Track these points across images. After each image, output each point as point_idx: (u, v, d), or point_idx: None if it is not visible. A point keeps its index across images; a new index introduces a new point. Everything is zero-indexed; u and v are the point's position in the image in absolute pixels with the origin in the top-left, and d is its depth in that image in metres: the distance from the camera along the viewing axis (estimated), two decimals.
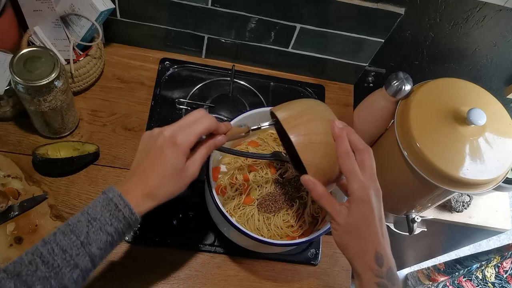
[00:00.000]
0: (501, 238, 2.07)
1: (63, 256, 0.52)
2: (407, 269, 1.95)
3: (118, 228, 0.56)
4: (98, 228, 0.54)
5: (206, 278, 0.85)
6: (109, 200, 0.56)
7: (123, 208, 0.56)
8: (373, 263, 0.56)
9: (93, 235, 0.54)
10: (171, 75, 1.05)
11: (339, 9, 0.92)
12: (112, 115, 0.97)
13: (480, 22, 0.95)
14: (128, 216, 0.56)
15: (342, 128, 0.60)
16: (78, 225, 0.54)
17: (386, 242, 0.58)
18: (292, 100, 0.67)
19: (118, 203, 0.56)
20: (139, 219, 0.58)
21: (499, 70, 1.10)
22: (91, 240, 0.54)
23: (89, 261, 0.54)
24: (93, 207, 0.56)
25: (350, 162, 0.59)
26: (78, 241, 0.53)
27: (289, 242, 0.76)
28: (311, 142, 0.60)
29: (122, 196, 0.56)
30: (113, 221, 0.55)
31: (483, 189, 0.92)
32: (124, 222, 0.56)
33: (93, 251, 0.54)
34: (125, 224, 0.56)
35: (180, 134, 0.58)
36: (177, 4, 0.93)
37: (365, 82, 1.16)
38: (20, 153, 0.88)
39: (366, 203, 0.57)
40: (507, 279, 1.26)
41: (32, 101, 0.78)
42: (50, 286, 0.51)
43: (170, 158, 0.58)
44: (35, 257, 0.52)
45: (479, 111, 0.87)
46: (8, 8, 0.86)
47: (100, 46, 0.97)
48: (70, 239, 0.53)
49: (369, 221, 0.57)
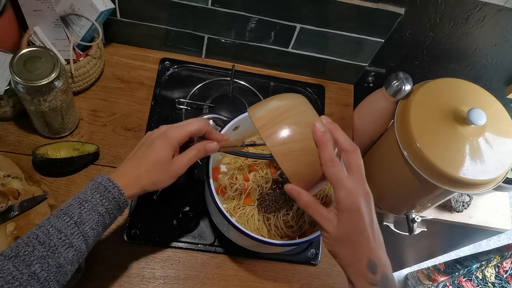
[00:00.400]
0: (501, 238, 2.07)
1: (58, 236, 0.55)
2: (407, 269, 1.95)
3: (109, 209, 0.59)
4: (90, 209, 0.57)
5: (206, 278, 0.85)
6: (98, 184, 0.59)
7: (112, 189, 0.59)
8: (366, 271, 0.54)
9: (86, 215, 0.57)
10: (171, 75, 1.05)
11: (339, 9, 0.92)
12: (112, 115, 0.97)
13: (480, 22, 0.95)
14: (118, 197, 0.59)
15: (324, 132, 0.56)
16: (71, 208, 0.57)
17: (379, 246, 0.56)
18: (271, 97, 0.63)
19: (107, 185, 0.59)
20: (127, 201, 0.61)
21: (499, 70, 1.10)
22: (84, 220, 0.57)
23: (83, 240, 0.57)
24: (83, 192, 0.59)
25: (335, 169, 0.55)
26: (72, 221, 0.56)
27: (289, 242, 0.76)
28: (290, 151, 0.56)
29: (110, 179, 0.60)
30: (103, 201, 0.58)
31: (483, 189, 0.92)
32: (114, 203, 0.59)
33: (86, 231, 0.57)
34: (115, 205, 0.59)
35: (173, 129, 0.63)
36: (177, 4, 0.93)
37: (365, 82, 1.16)
38: (20, 153, 0.88)
39: (355, 212, 0.54)
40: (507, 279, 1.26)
41: (32, 101, 0.78)
42: (47, 265, 0.53)
43: (159, 148, 0.61)
44: (32, 239, 0.54)
45: (479, 111, 0.87)
46: (8, 8, 0.86)
47: (100, 46, 0.97)
48: (63, 220, 0.56)
49: (359, 230, 0.55)
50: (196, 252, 0.87)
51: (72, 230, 0.56)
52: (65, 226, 0.56)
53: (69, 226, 0.56)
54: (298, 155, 0.56)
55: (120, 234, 0.85)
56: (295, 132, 0.56)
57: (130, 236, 0.85)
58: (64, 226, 0.56)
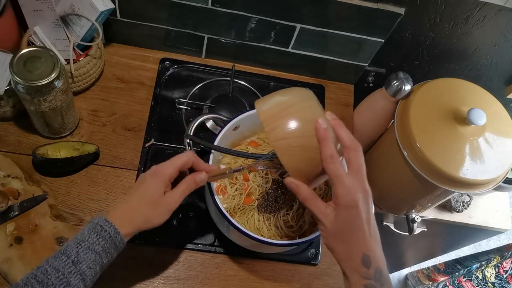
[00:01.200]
0: (501, 238, 2.07)
1: (56, 275, 0.56)
2: (407, 269, 1.95)
3: (105, 247, 0.60)
4: (87, 248, 0.59)
5: (206, 278, 0.85)
6: (95, 224, 0.61)
7: (108, 228, 0.60)
8: (360, 265, 0.55)
9: (83, 254, 0.58)
10: (171, 75, 1.05)
11: (339, 9, 0.92)
12: (112, 115, 0.97)
13: (480, 22, 0.95)
14: (114, 235, 0.61)
15: (326, 129, 0.56)
16: (68, 248, 0.59)
17: (375, 242, 0.56)
18: (278, 91, 0.64)
19: (104, 224, 0.61)
20: (124, 240, 0.62)
21: (499, 70, 1.10)
22: (81, 259, 0.58)
23: (80, 279, 0.57)
24: (81, 233, 0.61)
25: (335, 166, 0.55)
26: (69, 261, 0.57)
27: (289, 242, 0.76)
28: (290, 146, 0.57)
29: (107, 219, 0.61)
30: (100, 240, 0.60)
31: (483, 189, 0.92)
32: (110, 241, 0.60)
33: (84, 269, 0.58)
34: (111, 244, 0.61)
35: (161, 167, 0.66)
36: (177, 4, 0.93)
37: (365, 82, 1.16)
38: (20, 153, 0.88)
39: (353, 209, 0.55)
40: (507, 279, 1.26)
41: (32, 101, 0.78)
42: None
43: (149, 185, 0.64)
44: (30, 279, 0.56)
45: (479, 111, 0.87)
46: (8, 8, 0.86)
47: (100, 46, 0.97)
48: (61, 260, 0.57)
49: (356, 226, 0.55)
50: (196, 252, 0.87)
51: (70, 269, 0.57)
52: (63, 265, 0.57)
53: (66, 265, 0.57)
54: (299, 150, 0.57)
55: None
56: (296, 128, 0.57)
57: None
58: (62, 265, 0.57)
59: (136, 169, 0.91)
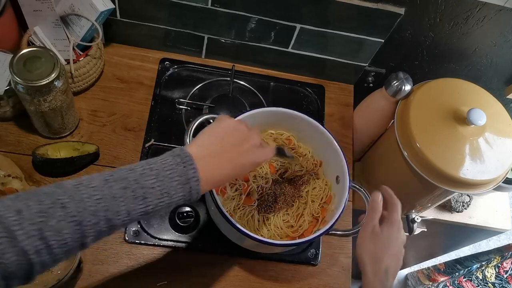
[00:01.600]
0: (501, 238, 2.06)
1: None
2: (407, 269, 1.95)
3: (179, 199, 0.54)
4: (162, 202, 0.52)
5: (206, 278, 0.85)
6: (181, 172, 0.54)
7: (195, 188, 0.54)
8: (382, 273, 0.65)
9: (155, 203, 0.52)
10: (171, 75, 1.05)
11: (339, 9, 0.92)
12: (112, 115, 0.97)
13: (480, 22, 0.95)
14: (194, 197, 0.55)
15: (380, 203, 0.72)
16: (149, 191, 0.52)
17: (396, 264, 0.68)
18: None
19: (193, 183, 0.54)
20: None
21: (499, 70, 1.10)
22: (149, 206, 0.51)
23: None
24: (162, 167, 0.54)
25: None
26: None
27: (289, 242, 0.76)
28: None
29: (196, 176, 0.54)
30: (179, 192, 0.53)
31: (483, 189, 0.92)
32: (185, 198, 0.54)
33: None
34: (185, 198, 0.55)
35: (267, 152, 0.64)
36: (177, 4, 0.93)
37: (365, 82, 1.16)
38: (20, 153, 0.88)
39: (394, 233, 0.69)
40: (507, 279, 1.26)
41: (32, 101, 0.78)
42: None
43: (256, 161, 0.61)
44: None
45: (479, 111, 0.87)
46: (8, 8, 0.86)
47: (100, 46, 0.97)
48: (136, 201, 0.50)
49: (391, 245, 0.68)
50: (196, 252, 0.87)
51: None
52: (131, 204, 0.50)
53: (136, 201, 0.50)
54: None
55: (119, 234, 0.85)
56: None
57: (130, 236, 0.85)
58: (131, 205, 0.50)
59: None
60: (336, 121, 1.09)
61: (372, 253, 0.66)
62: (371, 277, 0.64)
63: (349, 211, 0.96)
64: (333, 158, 0.85)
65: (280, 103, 1.05)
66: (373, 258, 0.66)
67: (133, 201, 0.50)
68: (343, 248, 0.93)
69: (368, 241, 0.68)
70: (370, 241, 0.67)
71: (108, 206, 0.48)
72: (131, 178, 0.51)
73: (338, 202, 0.81)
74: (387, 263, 0.65)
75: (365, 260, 0.66)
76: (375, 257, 0.66)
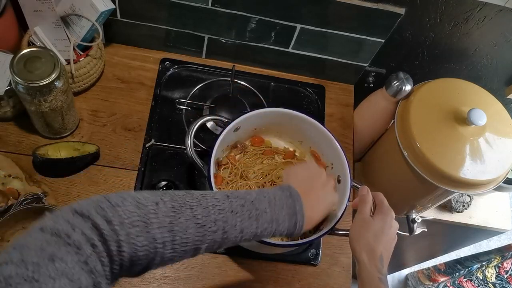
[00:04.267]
0: (501, 239, 2.06)
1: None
2: (407, 269, 1.95)
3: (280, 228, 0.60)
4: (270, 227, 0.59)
5: (207, 278, 0.85)
6: (292, 214, 0.61)
7: (299, 226, 0.61)
8: (378, 261, 0.65)
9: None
10: (171, 75, 1.05)
11: (339, 9, 0.92)
12: (113, 115, 0.97)
13: (481, 22, 0.95)
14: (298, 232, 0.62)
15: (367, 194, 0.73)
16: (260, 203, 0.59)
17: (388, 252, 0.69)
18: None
19: (300, 220, 0.61)
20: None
21: (499, 70, 1.10)
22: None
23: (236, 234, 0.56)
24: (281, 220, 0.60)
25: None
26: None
27: (290, 243, 0.76)
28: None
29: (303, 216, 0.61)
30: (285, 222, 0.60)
31: (483, 189, 0.91)
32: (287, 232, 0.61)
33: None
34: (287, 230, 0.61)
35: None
36: (177, 4, 0.93)
37: (365, 82, 1.16)
38: (21, 153, 0.88)
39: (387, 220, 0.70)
40: (508, 279, 1.26)
41: (32, 101, 0.78)
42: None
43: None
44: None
45: (479, 111, 0.87)
46: (9, 8, 0.86)
47: (101, 46, 0.97)
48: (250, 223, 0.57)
49: (385, 232, 0.68)
50: None
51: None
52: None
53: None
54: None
55: None
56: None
57: None
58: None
59: (137, 170, 0.91)
60: (336, 121, 1.09)
61: (366, 242, 0.67)
62: (367, 264, 0.65)
63: (349, 211, 0.96)
64: (335, 158, 0.85)
65: (281, 103, 1.06)
66: (368, 246, 0.67)
67: (248, 220, 0.56)
68: (344, 248, 0.93)
69: (362, 230, 0.69)
70: (364, 231, 0.68)
71: (227, 218, 0.54)
72: (248, 199, 0.57)
73: (339, 202, 0.81)
74: (381, 250, 0.67)
75: (360, 248, 0.68)
76: (369, 245, 0.67)
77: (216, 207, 0.54)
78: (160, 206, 0.49)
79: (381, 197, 0.73)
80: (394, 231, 0.70)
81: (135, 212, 0.47)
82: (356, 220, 0.71)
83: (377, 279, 0.64)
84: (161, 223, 0.48)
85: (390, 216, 0.70)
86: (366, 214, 0.70)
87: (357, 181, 0.83)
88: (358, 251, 0.67)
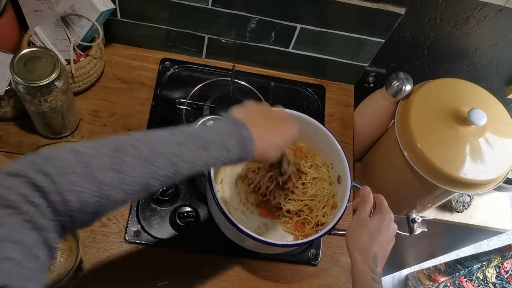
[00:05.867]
0: (501, 239, 2.06)
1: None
2: (407, 269, 1.95)
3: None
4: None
5: (207, 278, 0.85)
6: (242, 137, 0.59)
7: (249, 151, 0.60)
8: (371, 261, 0.66)
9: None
10: (171, 75, 1.05)
11: (340, 9, 0.92)
12: (113, 115, 0.97)
13: (481, 22, 0.95)
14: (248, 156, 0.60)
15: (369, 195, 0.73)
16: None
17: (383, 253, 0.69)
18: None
19: (249, 145, 0.59)
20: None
21: (499, 70, 1.10)
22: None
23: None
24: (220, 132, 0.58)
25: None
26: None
27: (290, 243, 0.76)
28: None
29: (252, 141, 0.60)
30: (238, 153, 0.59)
31: (483, 189, 0.91)
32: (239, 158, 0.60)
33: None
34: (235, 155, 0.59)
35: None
36: (178, 4, 0.93)
37: (365, 82, 1.16)
38: (21, 154, 0.88)
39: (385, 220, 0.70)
40: (508, 279, 1.26)
41: (32, 101, 0.78)
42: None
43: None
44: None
45: (480, 111, 0.87)
46: (9, 8, 0.86)
47: (101, 46, 0.97)
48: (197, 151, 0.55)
49: (381, 232, 0.69)
50: (196, 252, 0.87)
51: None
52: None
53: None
54: None
55: (120, 234, 0.85)
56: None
57: (130, 236, 0.85)
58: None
59: None
60: (336, 121, 1.09)
61: (361, 242, 0.67)
62: (361, 264, 0.66)
63: (350, 211, 0.96)
64: (335, 158, 0.85)
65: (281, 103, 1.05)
66: (363, 246, 0.67)
67: (197, 151, 0.54)
68: (344, 248, 0.93)
69: (358, 230, 0.69)
70: (360, 230, 0.69)
71: (175, 151, 0.52)
72: (193, 132, 0.56)
73: (340, 202, 0.81)
74: (376, 251, 0.67)
75: (354, 248, 0.68)
76: (364, 245, 0.67)
77: (162, 143, 0.52)
78: (100, 149, 0.48)
79: (382, 199, 0.73)
80: (392, 232, 0.70)
81: (73, 160, 0.45)
82: (353, 220, 0.71)
83: (370, 278, 0.64)
84: (104, 165, 0.47)
85: (389, 217, 0.70)
86: (365, 214, 0.70)
87: (357, 181, 0.83)
88: (352, 250, 0.68)
